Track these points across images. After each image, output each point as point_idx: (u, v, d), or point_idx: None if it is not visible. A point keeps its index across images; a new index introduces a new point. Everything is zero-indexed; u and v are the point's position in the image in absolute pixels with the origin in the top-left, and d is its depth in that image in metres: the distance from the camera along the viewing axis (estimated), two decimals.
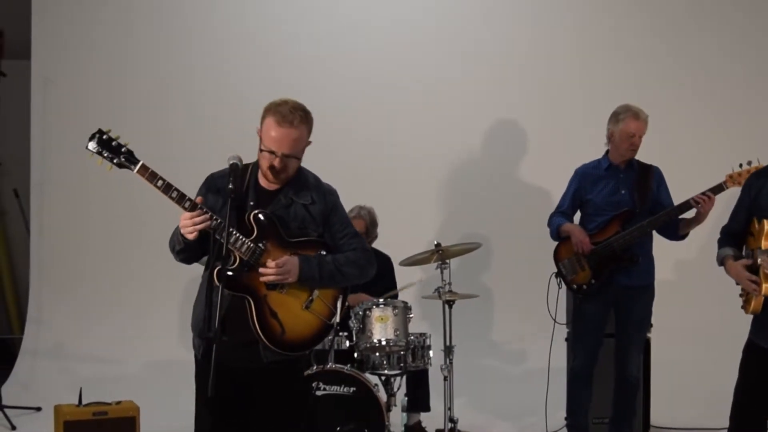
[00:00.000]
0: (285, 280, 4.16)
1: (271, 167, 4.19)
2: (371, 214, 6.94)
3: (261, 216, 4.20)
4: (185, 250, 4.27)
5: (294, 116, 4.17)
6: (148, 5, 8.33)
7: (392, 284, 6.97)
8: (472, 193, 8.15)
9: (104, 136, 4.07)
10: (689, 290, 7.82)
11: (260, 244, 4.18)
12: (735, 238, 4.93)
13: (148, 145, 4.58)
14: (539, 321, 6.49)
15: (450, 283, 6.25)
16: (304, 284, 4.22)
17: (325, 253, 4.30)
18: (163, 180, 4.17)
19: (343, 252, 4.34)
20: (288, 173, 4.25)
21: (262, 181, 4.33)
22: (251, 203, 4.25)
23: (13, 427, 7.08)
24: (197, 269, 4.64)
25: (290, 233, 4.25)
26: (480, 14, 8.26)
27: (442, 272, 6.25)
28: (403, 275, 7.06)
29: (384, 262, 7.03)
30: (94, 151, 4.05)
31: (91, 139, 4.05)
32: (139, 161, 4.12)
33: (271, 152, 4.16)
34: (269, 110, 4.20)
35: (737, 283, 4.83)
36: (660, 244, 6.30)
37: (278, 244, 4.21)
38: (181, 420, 5.31)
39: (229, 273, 4.11)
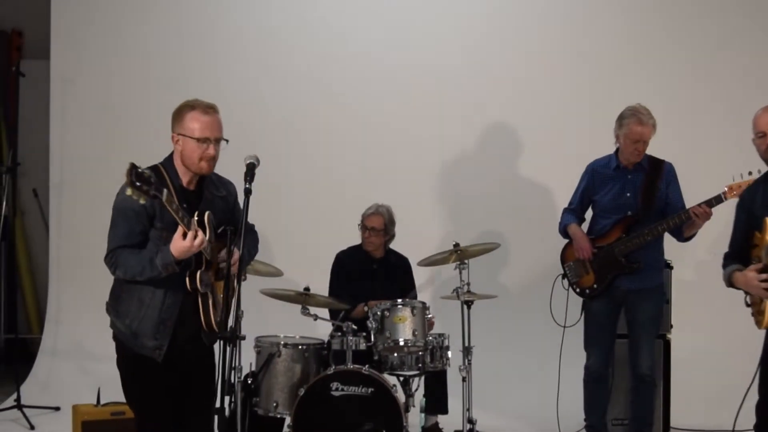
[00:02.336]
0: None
1: (206, 157, 4.44)
2: (389, 211, 6.94)
3: (211, 217, 4.46)
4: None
5: (211, 105, 4.51)
6: (166, 5, 8.35)
7: (411, 285, 6.97)
8: (490, 193, 8.12)
9: (138, 170, 4.06)
10: (709, 291, 7.67)
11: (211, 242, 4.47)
12: (738, 258, 4.88)
13: (168, 144, 4.61)
14: (557, 319, 6.48)
15: (469, 284, 6.24)
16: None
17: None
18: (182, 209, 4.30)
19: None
20: (217, 158, 4.53)
21: (184, 182, 4.52)
22: (184, 205, 4.37)
23: (32, 427, 7.10)
24: None
25: (217, 226, 4.52)
26: (500, 15, 8.25)
27: (460, 272, 6.25)
28: (420, 276, 7.06)
29: (402, 264, 7.02)
30: (134, 187, 4.02)
31: (130, 175, 4.00)
32: (164, 189, 4.18)
33: (206, 140, 4.41)
34: (187, 107, 4.49)
35: (746, 297, 4.75)
36: (679, 245, 6.26)
37: (214, 238, 4.50)
38: None
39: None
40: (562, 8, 8.19)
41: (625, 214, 6.16)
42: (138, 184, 3.98)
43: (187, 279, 4.38)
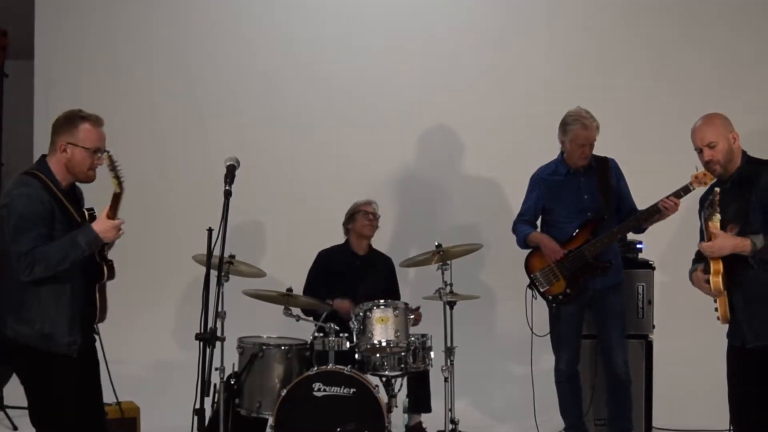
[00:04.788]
0: None
1: (95, 166, 4.64)
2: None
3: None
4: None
5: (100, 118, 4.71)
6: (151, 6, 8.34)
7: (394, 286, 6.99)
8: (472, 193, 8.15)
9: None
10: (691, 291, 7.73)
11: None
12: (704, 258, 4.90)
13: (150, 144, 4.65)
14: (539, 321, 6.47)
15: (451, 284, 6.25)
16: None
17: None
18: None
19: None
20: None
21: (63, 186, 4.65)
22: (72, 204, 4.64)
23: (15, 428, 7.09)
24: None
25: None
26: (479, 15, 8.27)
27: (443, 273, 6.25)
28: (402, 276, 7.08)
29: (386, 264, 7.05)
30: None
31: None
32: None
33: (97, 150, 4.61)
34: (78, 118, 4.62)
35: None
36: (662, 246, 6.29)
37: None
38: (181, 420, 5.32)
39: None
40: (536, 8, 8.23)
41: (586, 217, 6.20)
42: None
43: (106, 268, 4.70)
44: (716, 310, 4.81)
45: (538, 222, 6.49)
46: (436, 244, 6.29)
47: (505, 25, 8.26)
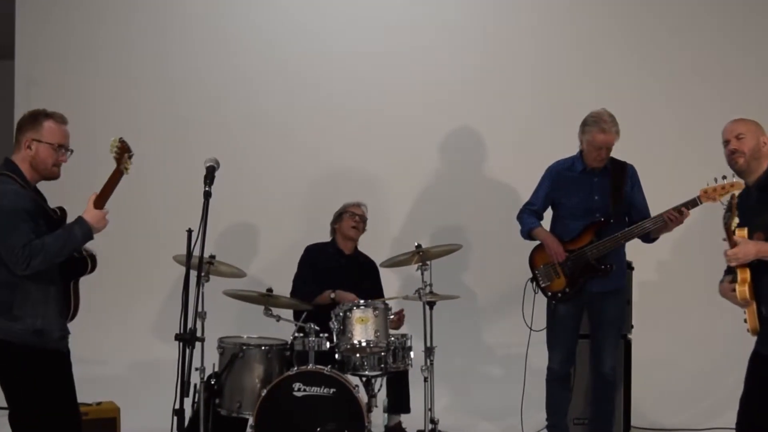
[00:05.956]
0: None
1: (59, 162, 4.70)
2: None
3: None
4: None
5: (64, 116, 4.75)
6: (132, 7, 8.34)
7: (378, 289, 7.03)
8: (452, 194, 8.17)
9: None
10: (670, 291, 7.85)
11: None
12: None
13: (131, 144, 4.67)
14: (521, 321, 6.47)
15: (431, 285, 6.25)
16: None
17: None
18: None
19: None
20: None
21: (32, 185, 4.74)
22: (42, 202, 4.73)
23: None
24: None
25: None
26: (456, 18, 8.29)
27: (422, 274, 6.25)
28: (385, 277, 7.10)
29: (370, 267, 7.07)
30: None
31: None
32: None
33: (61, 147, 4.68)
34: (42, 115, 4.69)
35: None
36: (640, 245, 6.31)
37: None
38: (161, 420, 5.32)
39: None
40: (523, 12, 8.25)
41: (594, 217, 6.16)
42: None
43: (90, 260, 4.81)
44: (745, 321, 4.62)
45: (549, 215, 6.47)
46: (416, 244, 6.30)
47: (479, 24, 8.29)
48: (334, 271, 6.91)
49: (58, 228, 4.60)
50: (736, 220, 4.55)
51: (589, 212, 6.18)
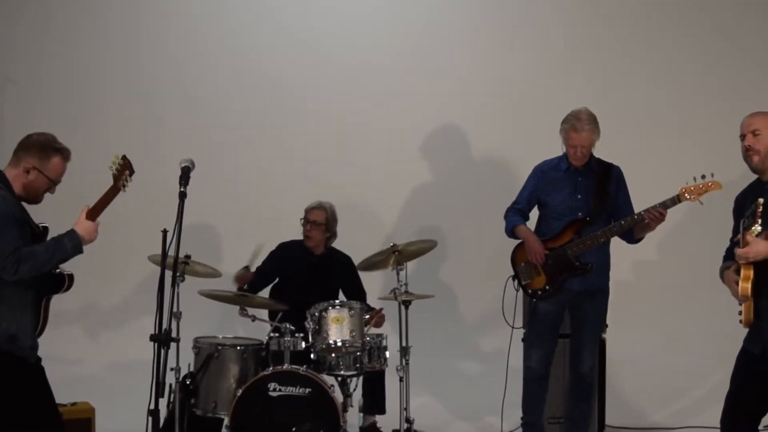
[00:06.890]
0: None
1: (48, 193, 4.72)
2: (332, 209, 7.01)
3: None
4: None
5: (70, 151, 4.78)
6: (107, 6, 8.31)
7: (356, 285, 7.04)
8: (427, 190, 8.19)
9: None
10: (645, 290, 7.89)
11: None
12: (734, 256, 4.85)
13: (105, 144, 4.67)
14: (497, 320, 6.50)
15: (406, 284, 6.26)
16: None
17: None
18: None
19: None
20: None
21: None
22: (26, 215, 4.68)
23: None
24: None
25: None
26: (443, 17, 8.31)
27: (398, 273, 6.26)
28: (363, 276, 7.10)
29: (344, 264, 7.05)
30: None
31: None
32: None
33: (57, 183, 4.72)
34: (52, 150, 4.70)
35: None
36: (617, 244, 6.33)
37: None
38: (136, 420, 5.29)
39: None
40: (507, 12, 8.30)
41: (575, 216, 6.16)
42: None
43: (68, 279, 4.80)
44: (740, 313, 4.59)
45: (535, 214, 6.48)
46: (391, 244, 6.31)
47: (460, 24, 8.32)
48: (302, 270, 6.92)
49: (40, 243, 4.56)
50: (758, 228, 4.48)
51: (571, 211, 6.19)
